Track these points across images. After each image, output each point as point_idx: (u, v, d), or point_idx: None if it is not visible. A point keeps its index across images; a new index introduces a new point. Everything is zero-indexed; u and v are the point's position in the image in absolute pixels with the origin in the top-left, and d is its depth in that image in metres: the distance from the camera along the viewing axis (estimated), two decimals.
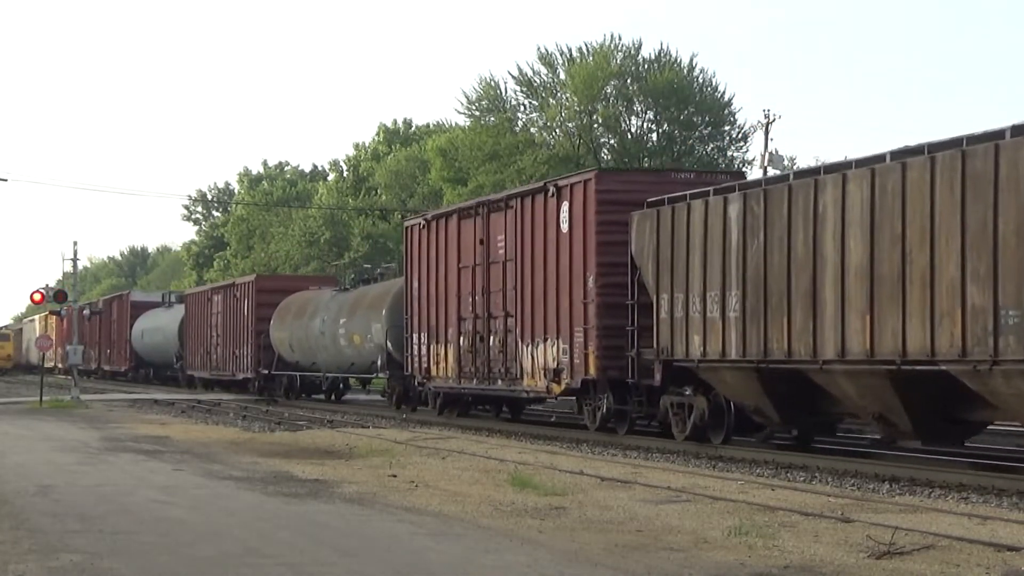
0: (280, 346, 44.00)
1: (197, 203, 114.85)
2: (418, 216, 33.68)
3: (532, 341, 26.40)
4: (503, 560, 10.91)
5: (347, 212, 78.50)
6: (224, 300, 50.44)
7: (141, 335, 64.77)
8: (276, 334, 44.06)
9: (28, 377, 79.33)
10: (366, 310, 36.70)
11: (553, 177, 28.33)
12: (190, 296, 57.71)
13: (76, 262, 50.47)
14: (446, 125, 73.82)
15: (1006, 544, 11.46)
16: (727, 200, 20.73)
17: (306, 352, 41.74)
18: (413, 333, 32.13)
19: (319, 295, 43.06)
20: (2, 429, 28.26)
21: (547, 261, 25.91)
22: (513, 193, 28.51)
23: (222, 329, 50.48)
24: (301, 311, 42.44)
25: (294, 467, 19.17)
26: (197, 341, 54.28)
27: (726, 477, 17.82)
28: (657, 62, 59.39)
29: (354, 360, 37.83)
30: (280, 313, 44.24)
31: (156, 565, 10.66)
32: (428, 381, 31.51)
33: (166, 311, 62.49)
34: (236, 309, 48.59)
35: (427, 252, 31.54)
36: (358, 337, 36.86)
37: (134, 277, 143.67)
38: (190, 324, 55.53)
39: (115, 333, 71.04)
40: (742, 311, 20.20)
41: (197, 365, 54.39)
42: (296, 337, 42.25)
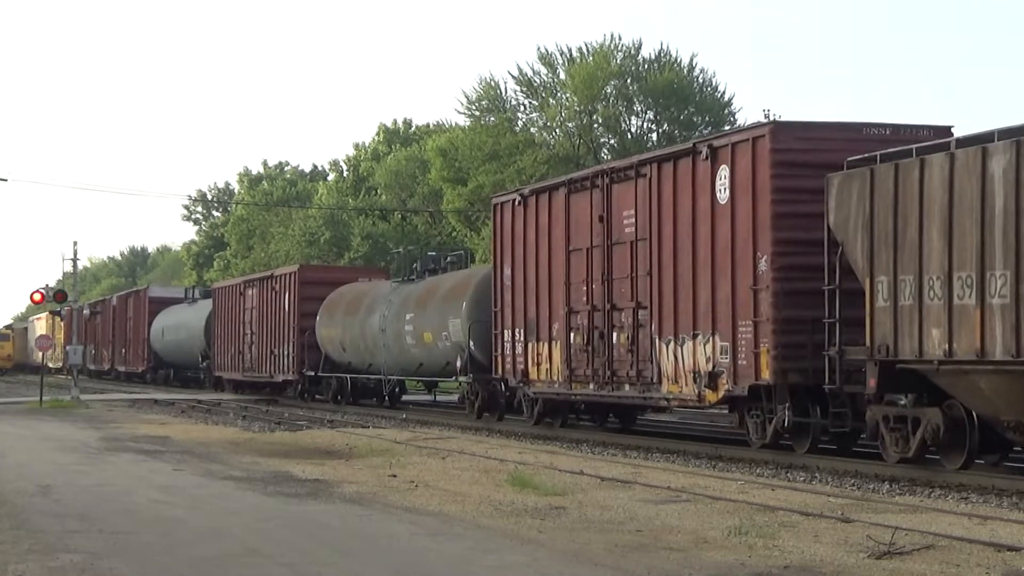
0: (328, 345, 39.51)
1: (197, 203, 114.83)
2: (511, 192, 29.16)
3: (675, 338, 21.96)
4: (503, 560, 10.91)
5: (347, 212, 78.48)
6: (260, 294, 45.62)
7: (161, 333, 60.22)
8: (324, 331, 39.61)
9: (29, 377, 78.89)
10: (441, 303, 31.95)
11: (705, 136, 23.14)
12: (219, 290, 52.21)
13: (76, 262, 50.45)
14: (446, 125, 73.80)
15: (1006, 544, 11.46)
16: (987, 152, 16.09)
17: (361, 352, 37.45)
18: (504, 329, 27.87)
19: (376, 287, 38.81)
20: (2, 429, 28.27)
21: (696, 239, 21.42)
22: (646, 158, 23.58)
23: (257, 326, 45.58)
24: (355, 305, 38.08)
25: (294, 467, 19.17)
26: (227, 339, 49.51)
27: (726, 477, 17.82)
28: (657, 62, 59.39)
29: (423, 361, 33.30)
30: (328, 308, 39.68)
31: (156, 565, 10.66)
32: (525, 385, 27.13)
33: (189, 307, 58.25)
34: (275, 304, 43.87)
35: (524, 233, 27.31)
36: (429, 335, 32.33)
37: (134, 277, 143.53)
38: (219, 321, 50.65)
39: (131, 331, 66.16)
40: (1015, 296, 15.59)
41: (227, 366, 49.55)
42: (349, 335, 37.88)
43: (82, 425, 30.10)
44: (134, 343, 65.28)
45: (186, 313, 57.82)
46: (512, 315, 27.63)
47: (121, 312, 68.25)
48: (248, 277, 50.60)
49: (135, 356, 64.88)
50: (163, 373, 61.72)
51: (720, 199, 20.85)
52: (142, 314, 63.27)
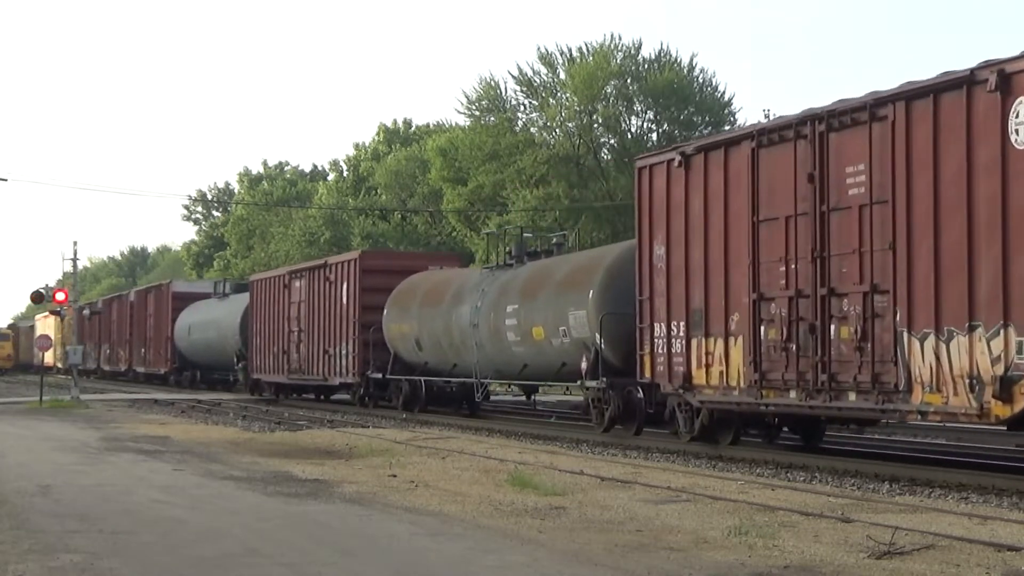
0: (399, 343, 34.34)
1: (197, 203, 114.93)
2: (665, 150, 23.33)
3: (937, 332, 16.85)
4: (503, 560, 10.90)
5: (347, 212, 78.52)
6: (310, 285, 40.23)
7: (187, 331, 55.27)
8: (394, 327, 34.36)
9: (30, 377, 78.64)
10: (557, 292, 26.79)
11: (990, 62, 16.48)
12: (258, 282, 46.41)
13: (76, 262, 50.44)
14: (446, 125, 73.89)
15: (1006, 544, 11.46)
16: None
17: (443, 350, 32.23)
18: (655, 323, 22.61)
19: (461, 275, 33.96)
20: (2, 429, 28.27)
21: (974, 200, 16.39)
22: (887, 95, 17.89)
23: (307, 322, 40.23)
24: (435, 296, 32.83)
25: (294, 467, 19.17)
26: (268, 338, 44.14)
27: (726, 477, 17.82)
28: (657, 62, 59.42)
29: (529, 361, 28.20)
30: (399, 300, 34.52)
31: (156, 565, 10.66)
32: (687, 392, 21.81)
33: (220, 302, 53.03)
34: (329, 296, 38.54)
35: (686, 201, 21.84)
36: (540, 330, 27.30)
37: (134, 277, 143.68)
38: (257, 317, 45.42)
39: (151, 329, 61.37)
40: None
41: (267, 367, 44.24)
42: (428, 331, 32.59)
43: (82, 425, 30.10)
44: (155, 342, 60.75)
45: (216, 309, 52.82)
46: (667, 305, 22.29)
47: (140, 309, 63.91)
48: (294, 267, 44.63)
49: (156, 356, 60.32)
50: (188, 375, 57.01)
51: (1017, 143, 15.85)
52: (164, 311, 58.77)
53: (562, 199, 56.45)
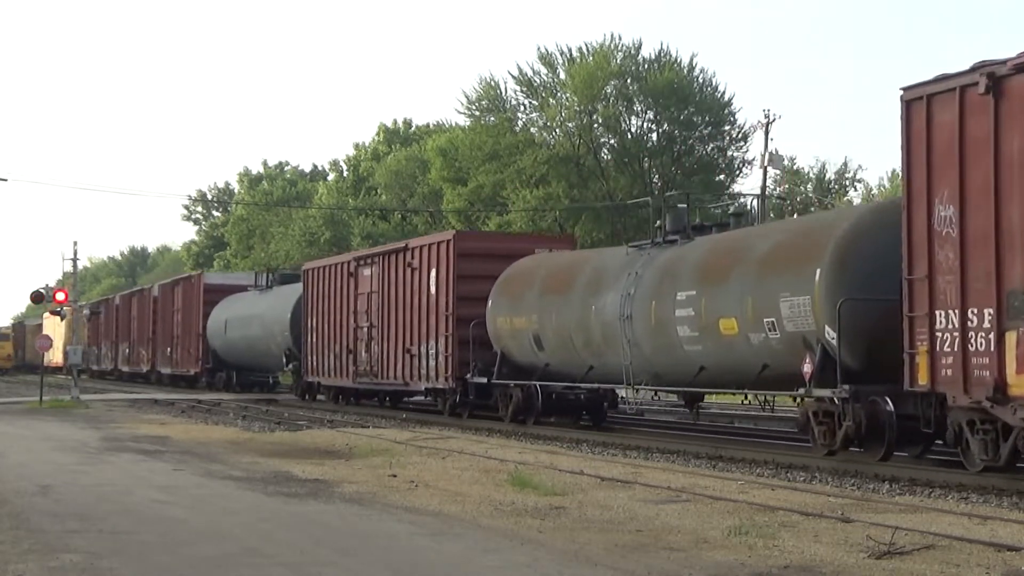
0: (510, 340, 28.47)
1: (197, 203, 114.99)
2: (958, 75, 16.66)
3: None
4: (503, 560, 10.90)
5: (347, 212, 78.54)
6: (385, 272, 34.55)
7: (222, 328, 49.72)
8: (503, 321, 28.70)
9: (30, 377, 78.14)
10: (761, 273, 20.71)
11: None
12: (314, 271, 40.51)
13: (76, 262, 50.47)
14: (446, 125, 73.93)
15: (1006, 544, 11.46)
16: None
17: (574, 350, 26.28)
18: (940, 310, 16.71)
19: (597, 256, 28.04)
20: (2, 429, 28.27)
21: None
22: None
23: (380, 316, 34.62)
24: (561, 282, 27.00)
25: (294, 467, 19.16)
26: (327, 335, 38.70)
27: (726, 477, 17.82)
28: (657, 62, 59.45)
29: (709, 362, 22.11)
30: (509, 288, 28.81)
31: (156, 565, 10.66)
32: (1001, 405, 15.84)
33: (262, 295, 47.77)
34: (411, 285, 32.78)
35: (996, 143, 15.89)
36: (731, 322, 21.11)
37: (134, 277, 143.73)
38: (313, 310, 39.99)
39: (179, 326, 55.61)
40: None
41: (327, 369, 38.90)
42: (554, 325, 26.71)
43: (82, 425, 30.10)
44: (183, 340, 54.85)
45: (259, 303, 47.23)
46: (961, 285, 16.39)
47: (165, 304, 58.32)
48: (363, 252, 38.72)
49: (185, 356, 54.43)
50: (222, 376, 51.41)
51: None
52: (195, 305, 53.11)
53: (562, 199, 56.46)
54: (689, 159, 59.66)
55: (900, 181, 18.80)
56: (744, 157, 61.06)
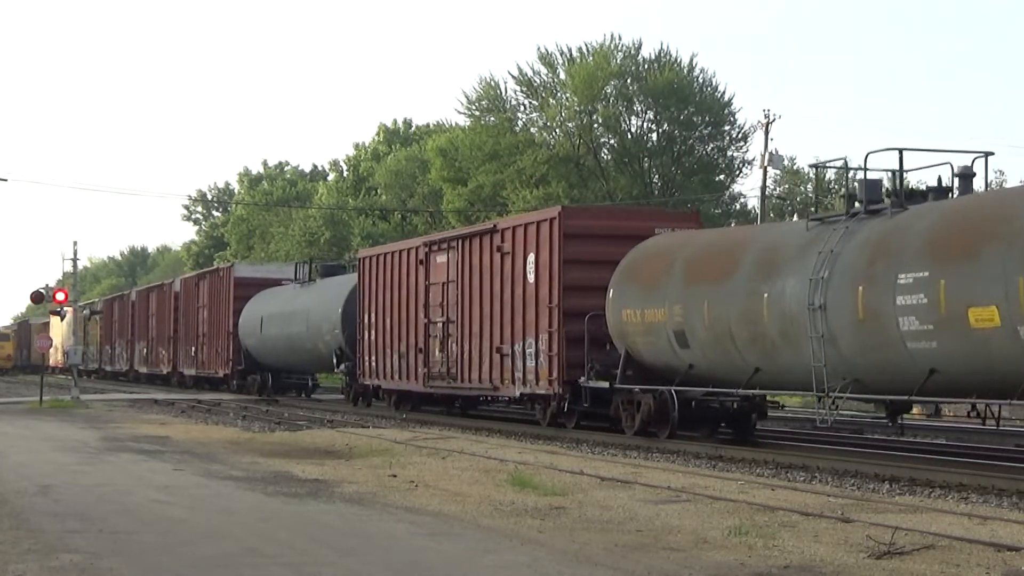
0: (639, 337, 23.65)
1: (197, 203, 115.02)
2: None
3: None
4: (503, 560, 10.90)
5: (347, 212, 78.57)
6: (467, 258, 29.75)
7: (257, 326, 44.93)
8: (630, 314, 23.75)
9: (30, 377, 77.78)
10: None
11: None
12: (371, 260, 35.82)
13: (76, 262, 50.50)
14: (446, 125, 73.93)
15: (1006, 544, 11.46)
16: None
17: (734, 348, 21.38)
18: None
19: (762, 232, 24.22)
20: (2, 429, 28.26)
21: None
22: None
23: (460, 310, 29.96)
24: (715, 265, 22.29)
25: (294, 467, 19.16)
26: (390, 332, 34.09)
27: (726, 477, 17.81)
28: (657, 62, 59.47)
29: (945, 365, 17.57)
30: (636, 274, 24.14)
31: (156, 565, 10.65)
32: None
33: (305, 289, 43.05)
34: (504, 272, 27.97)
35: None
36: (990, 312, 16.69)
37: (134, 277, 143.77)
38: (371, 305, 35.44)
39: (205, 324, 50.97)
40: None
41: (389, 371, 34.20)
42: (707, 318, 21.86)
43: (82, 425, 30.09)
44: (211, 339, 50.22)
45: (301, 297, 42.47)
46: None
47: (189, 299, 53.67)
48: (436, 236, 33.92)
49: (213, 356, 49.92)
50: (256, 379, 46.62)
51: None
52: (224, 300, 48.62)
53: (562, 199, 56.49)
54: (689, 159, 59.68)
55: None
56: (744, 157, 61.14)
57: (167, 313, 56.84)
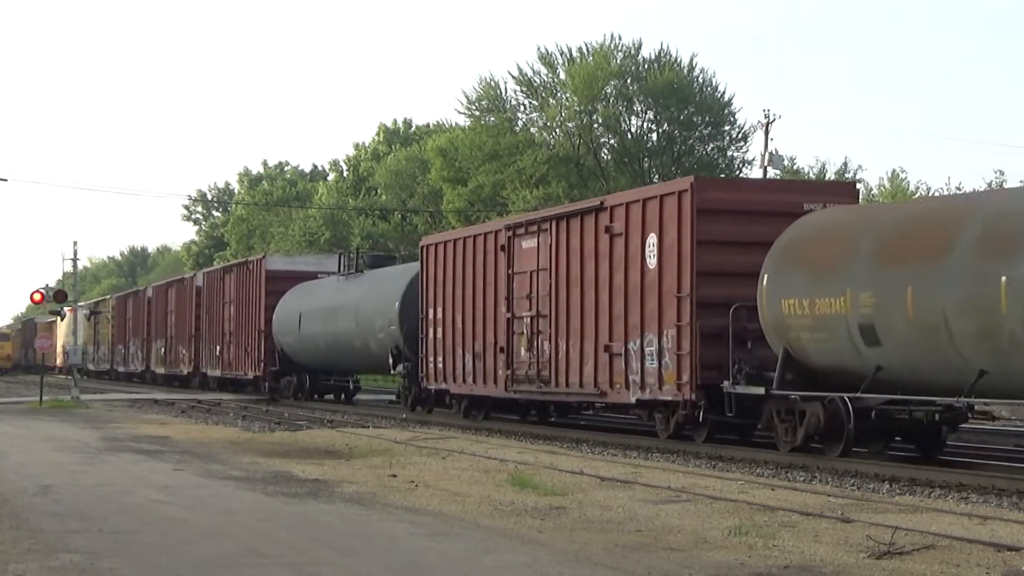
0: (809, 332, 19.39)
1: (197, 203, 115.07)
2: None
3: None
4: (503, 560, 10.90)
5: (347, 212, 78.59)
6: (561, 242, 25.92)
7: (296, 322, 40.79)
8: (796, 305, 19.50)
9: (29, 377, 77.66)
10: None
11: None
12: (436, 248, 31.75)
13: (76, 262, 50.47)
14: (446, 125, 73.94)
15: (1006, 544, 11.46)
16: None
17: (953, 346, 17.09)
18: None
19: (986, 202, 18.68)
20: (2, 429, 28.26)
21: None
22: None
23: (553, 302, 26.06)
24: (921, 243, 18.00)
25: (294, 467, 19.16)
26: (460, 329, 30.05)
27: (726, 477, 17.81)
28: (657, 62, 59.48)
29: None
30: (801, 255, 19.92)
31: (156, 565, 10.65)
32: None
33: (350, 281, 38.97)
34: (612, 257, 24.13)
35: None
36: None
37: (134, 277, 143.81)
38: (436, 298, 31.31)
39: (232, 321, 47.14)
40: None
41: (461, 373, 30.10)
42: (912, 308, 17.61)
43: (82, 425, 30.09)
44: (239, 338, 46.44)
45: (348, 290, 38.47)
46: None
47: (213, 294, 49.94)
48: (522, 218, 29.28)
49: (241, 356, 46.03)
50: (291, 381, 42.99)
51: None
52: (255, 296, 44.72)
53: (562, 199, 56.50)
54: (689, 159, 59.67)
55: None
56: (744, 157, 61.14)
57: (188, 310, 53.30)
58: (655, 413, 23.60)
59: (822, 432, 19.46)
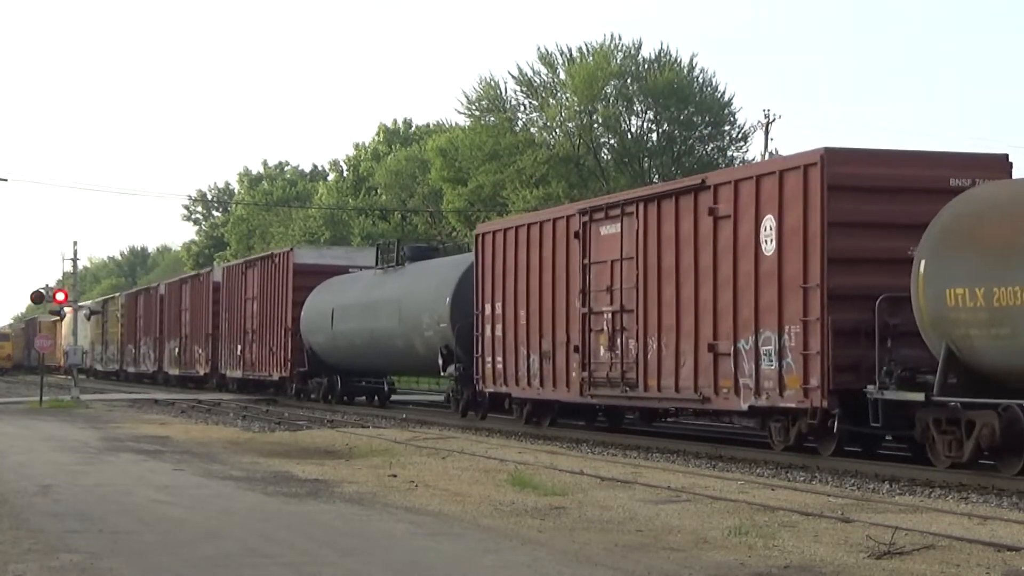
0: (981, 329, 16.30)
1: (197, 203, 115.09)
2: None
3: None
4: (503, 560, 10.90)
5: (347, 212, 78.59)
6: (650, 227, 22.86)
7: (328, 319, 37.82)
8: (964, 295, 16.40)
9: (30, 377, 77.49)
10: None
11: None
12: (493, 236, 28.50)
13: (76, 262, 50.46)
14: (446, 125, 73.93)
15: (1006, 544, 11.46)
16: None
17: None
18: None
19: None
20: (2, 429, 28.27)
21: None
22: None
23: (640, 295, 23.02)
24: None
25: (294, 467, 19.16)
26: (525, 326, 26.85)
27: (726, 477, 17.81)
28: (657, 62, 59.47)
29: None
30: (969, 234, 16.73)
31: (156, 565, 10.66)
32: None
33: (389, 275, 35.70)
34: (718, 243, 21.14)
35: None
36: None
37: (134, 277, 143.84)
38: (495, 292, 28.15)
39: (254, 319, 43.98)
40: None
41: (524, 375, 26.88)
42: None
43: (82, 425, 30.10)
44: (262, 337, 43.22)
45: (389, 284, 35.21)
46: None
47: (233, 290, 47.03)
48: (599, 200, 26.08)
49: (266, 356, 42.72)
50: (321, 382, 39.88)
51: None
52: (281, 290, 41.63)
53: (562, 199, 56.49)
54: (689, 159, 59.67)
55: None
56: (744, 157, 61.12)
57: (205, 307, 50.21)
58: (770, 422, 20.67)
59: (996, 446, 16.61)
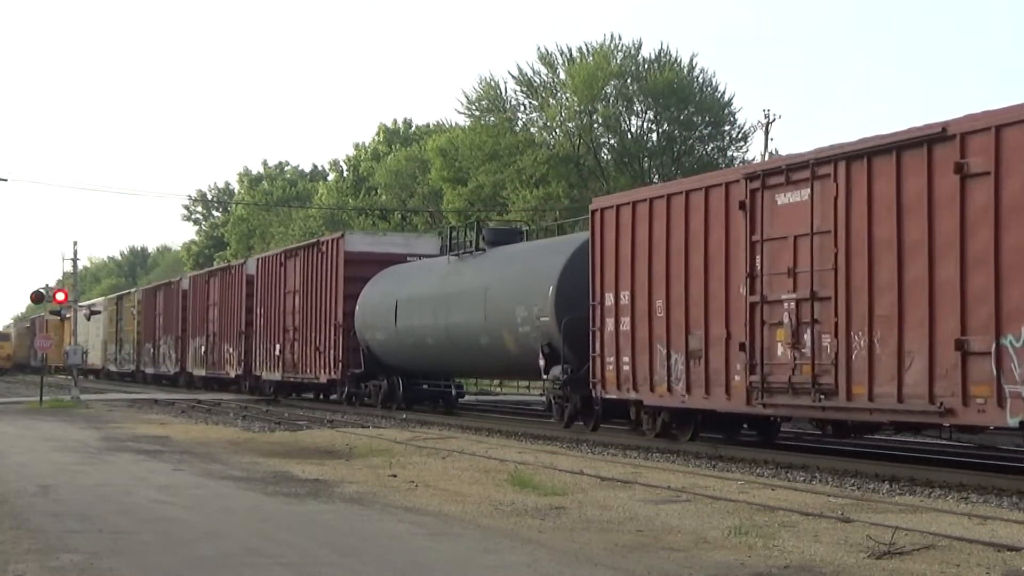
0: None
1: (197, 203, 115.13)
2: None
3: None
4: (503, 560, 10.90)
5: (347, 212, 78.61)
6: (847, 194, 18.34)
7: (390, 314, 33.33)
8: None
9: (30, 377, 77.51)
10: None
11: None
12: (614, 211, 23.79)
13: (76, 262, 50.47)
14: (446, 125, 73.98)
15: (1006, 544, 11.46)
16: None
17: None
18: None
19: None
20: (2, 429, 28.25)
21: None
22: None
23: (838, 279, 18.50)
24: None
25: (294, 467, 19.16)
26: (655, 318, 22.57)
27: (726, 477, 17.81)
28: (657, 62, 59.51)
29: None
30: None
31: (156, 565, 10.65)
32: None
33: (466, 262, 30.97)
34: (945, 212, 16.74)
35: None
36: None
37: (134, 277, 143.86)
38: (615, 279, 23.66)
39: (296, 314, 39.21)
40: None
41: (657, 378, 22.43)
42: None
43: (82, 425, 30.08)
44: (307, 335, 38.55)
45: (467, 272, 30.43)
46: None
47: (269, 283, 42.03)
48: (773, 162, 21.36)
49: (311, 357, 38.16)
50: (379, 386, 35.16)
51: None
52: (329, 282, 36.95)
53: (562, 199, 56.51)
54: (689, 159, 59.70)
55: None
56: (744, 157, 61.15)
57: (237, 302, 45.59)
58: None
59: None
